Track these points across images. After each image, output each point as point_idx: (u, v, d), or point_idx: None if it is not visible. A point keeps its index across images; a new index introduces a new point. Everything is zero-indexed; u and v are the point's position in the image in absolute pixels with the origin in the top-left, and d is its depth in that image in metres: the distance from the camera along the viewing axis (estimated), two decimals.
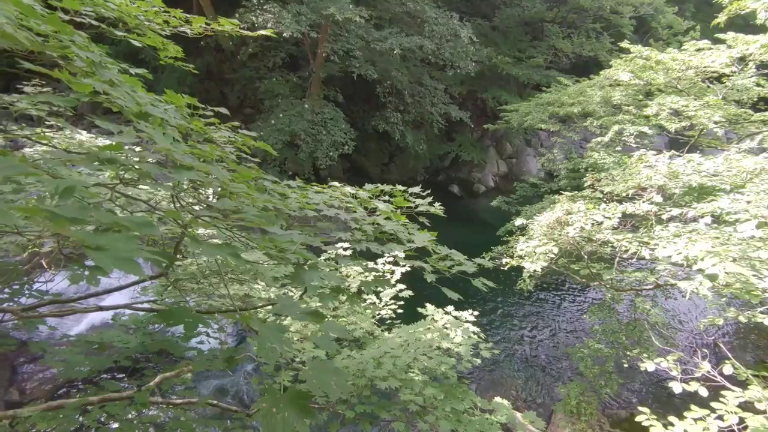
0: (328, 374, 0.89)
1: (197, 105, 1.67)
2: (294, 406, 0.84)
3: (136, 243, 0.63)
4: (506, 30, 18.69)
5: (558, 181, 10.15)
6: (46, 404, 2.32)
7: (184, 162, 0.97)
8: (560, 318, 10.58)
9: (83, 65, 1.13)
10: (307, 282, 1.11)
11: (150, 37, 2.00)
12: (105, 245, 0.60)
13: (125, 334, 3.42)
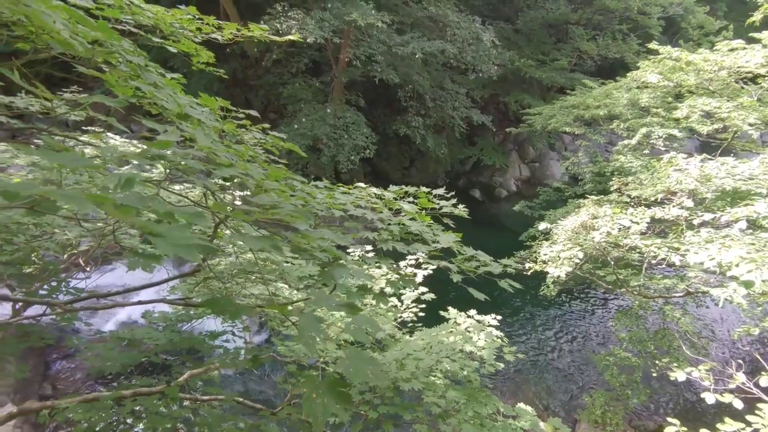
0: (365, 363, 0.91)
1: (229, 108, 1.73)
2: (332, 393, 0.87)
3: (190, 232, 0.67)
4: (529, 33, 18.48)
5: (583, 185, 9.95)
6: (82, 396, 2.41)
7: (223, 160, 1.02)
8: (584, 325, 10.34)
9: (127, 70, 1.19)
10: (336, 279, 1.14)
11: (184, 44, 2.08)
12: (164, 233, 0.63)
13: (155, 331, 3.52)
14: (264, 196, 1.05)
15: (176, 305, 2.72)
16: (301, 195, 1.24)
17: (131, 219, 0.64)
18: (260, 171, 1.13)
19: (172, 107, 1.07)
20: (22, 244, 2.63)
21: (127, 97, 1.13)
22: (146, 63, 1.22)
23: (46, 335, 2.99)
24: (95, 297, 1.91)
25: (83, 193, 0.63)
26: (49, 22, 0.86)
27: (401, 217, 1.86)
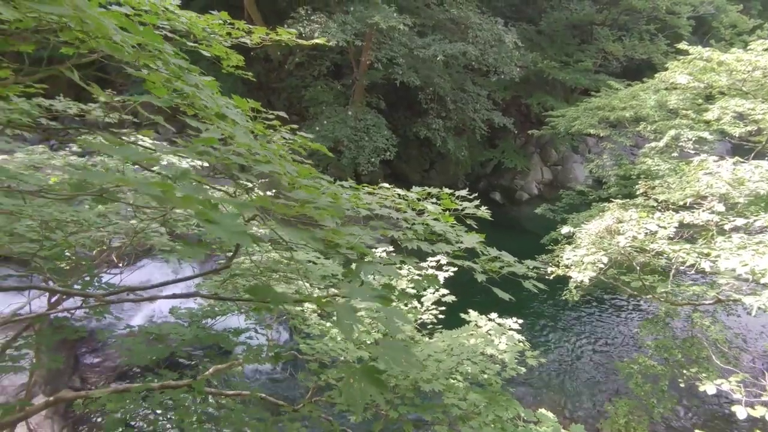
0: (399, 352, 0.94)
1: (259, 109, 1.78)
2: (369, 379, 0.89)
3: (240, 220, 0.71)
4: (553, 34, 18.23)
5: (607, 189, 9.75)
6: (113, 387, 2.51)
7: (261, 157, 1.06)
8: (607, 331, 10.11)
9: (166, 72, 1.25)
10: (365, 275, 1.16)
11: (215, 47, 2.15)
12: (218, 220, 0.68)
13: (181, 327, 3.62)
14: (300, 191, 1.08)
15: (208, 299, 2.79)
16: (330, 193, 1.27)
17: (193, 206, 0.68)
18: (294, 168, 1.17)
19: (213, 106, 1.12)
20: (60, 240, 2.75)
21: (172, 98, 1.18)
22: (187, 66, 1.27)
23: (79, 328, 3.12)
24: (130, 290, 1.99)
25: (151, 181, 0.68)
26: (110, 27, 0.92)
27: (425, 217, 1.88)
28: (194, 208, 0.67)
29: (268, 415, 2.86)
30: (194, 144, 1.02)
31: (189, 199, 0.68)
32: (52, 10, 0.79)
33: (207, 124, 1.17)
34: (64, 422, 6.50)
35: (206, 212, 0.66)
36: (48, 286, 2.28)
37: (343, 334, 0.85)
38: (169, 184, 0.68)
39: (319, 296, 0.94)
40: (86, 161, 4.32)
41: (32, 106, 3.06)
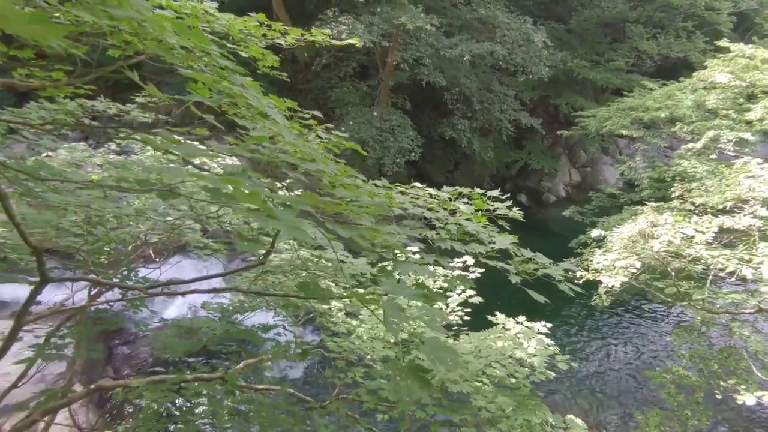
0: (444, 351, 0.94)
1: (296, 109, 1.81)
2: (414, 377, 0.90)
3: (296, 215, 0.73)
4: (583, 32, 17.79)
5: (639, 192, 9.43)
6: (150, 378, 2.60)
7: (306, 155, 1.08)
8: (638, 338, 9.79)
9: (211, 73, 1.29)
10: (402, 273, 1.17)
11: (252, 49, 2.20)
12: (279, 216, 0.70)
13: (212, 321, 3.72)
14: (342, 189, 1.10)
15: (239, 294, 2.85)
16: (369, 191, 1.29)
17: (258, 202, 0.70)
18: (335, 167, 1.19)
19: (257, 106, 1.15)
20: (102, 235, 2.87)
21: (220, 98, 1.22)
22: (233, 67, 1.31)
23: (119, 319, 3.25)
24: (171, 284, 2.07)
25: (221, 177, 0.70)
26: (168, 30, 0.96)
27: (457, 217, 1.87)
28: (258, 204, 0.69)
29: (298, 409, 2.91)
30: (246, 142, 1.05)
31: (254, 195, 0.70)
32: (124, 13, 0.82)
33: (253, 123, 1.20)
34: (99, 411, 6.77)
35: (270, 208, 0.68)
36: (97, 279, 2.38)
37: (389, 331, 0.85)
38: (238, 180, 0.71)
39: (363, 293, 0.95)
40: (124, 159, 4.49)
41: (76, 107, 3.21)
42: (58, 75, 1.77)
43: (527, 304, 1.86)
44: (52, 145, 3.30)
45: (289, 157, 1.08)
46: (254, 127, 1.15)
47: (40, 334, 3.38)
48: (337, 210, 1.02)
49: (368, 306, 1.00)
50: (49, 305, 2.95)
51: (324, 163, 1.12)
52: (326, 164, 1.12)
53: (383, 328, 3.94)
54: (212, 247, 3.47)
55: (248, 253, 2.82)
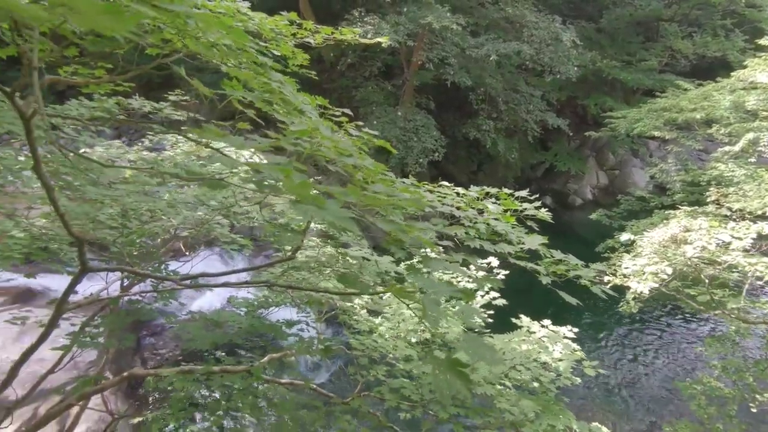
0: (482, 348, 0.94)
1: (327, 106, 1.83)
2: (453, 371, 0.90)
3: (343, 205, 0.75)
4: (614, 32, 17.32)
5: (671, 195, 9.13)
6: (179, 368, 2.68)
7: (344, 150, 1.10)
8: (667, 347, 9.47)
9: (246, 69, 1.32)
10: (433, 270, 1.17)
11: (283, 47, 2.23)
12: (327, 207, 0.71)
13: (238, 315, 3.80)
14: (379, 184, 1.11)
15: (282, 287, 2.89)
16: (403, 188, 1.29)
17: (305, 193, 0.72)
18: (371, 162, 1.20)
19: (295, 102, 1.17)
20: (135, 227, 2.97)
21: (261, 94, 1.25)
22: (271, 64, 1.34)
23: (150, 310, 3.35)
24: (204, 276, 2.13)
25: (274, 166, 0.72)
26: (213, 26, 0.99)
27: (486, 216, 1.85)
28: (306, 193, 0.71)
29: (320, 404, 2.94)
30: (287, 136, 1.07)
31: (304, 185, 0.72)
32: (177, 7, 0.85)
33: (291, 118, 1.22)
34: (126, 399, 7.00)
35: (317, 199, 0.69)
36: (134, 269, 2.47)
37: (429, 325, 0.86)
38: (289, 169, 0.72)
39: (402, 287, 0.95)
40: (156, 156, 4.63)
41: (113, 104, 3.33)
42: (100, 72, 1.84)
43: (552, 309, 1.83)
44: (91, 142, 3.43)
45: (329, 151, 1.09)
46: (292, 122, 1.17)
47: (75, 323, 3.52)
48: (378, 204, 1.02)
49: (404, 300, 1.01)
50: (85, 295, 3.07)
51: (360, 157, 1.13)
52: (362, 159, 1.13)
53: (405, 328, 3.94)
54: (239, 242, 3.54)
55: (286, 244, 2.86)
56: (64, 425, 5.59)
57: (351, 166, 1.11)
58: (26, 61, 1.23)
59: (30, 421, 4.98)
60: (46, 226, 2.83)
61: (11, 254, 2.37)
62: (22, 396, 3.16)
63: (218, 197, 3.12)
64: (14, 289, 8.96)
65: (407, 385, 2.83)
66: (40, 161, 1.39)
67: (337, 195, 0.79)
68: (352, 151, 1.10)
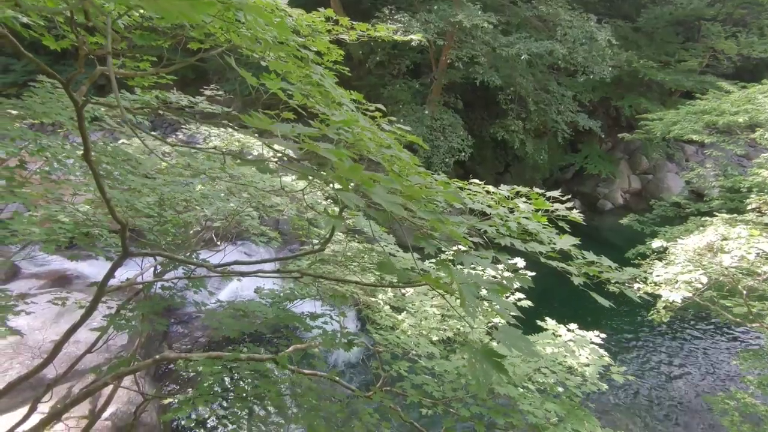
0: (518, 339, 0.94)
1: (360, 101, 1.86)
2: (489, 360, 0.91)
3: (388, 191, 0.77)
4: (652, 31, 16.74)
5: (709, 202, 8.78)
6: (208, 354, 2.77)
7: (383, 141, 1.12)
8: (699, 359, 9.12)
9: (283, 61, 1.35)
10: (466, 264, 1.17)
11: (319, 43, 2.27)
12: (376, 191, 0.74)
13: (264, 306, 3.88)
14: (416, 176, 1.13)
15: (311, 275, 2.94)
16: (441, 181, 1.30)
17: (356, 176, 0.74)
18: (408, 154, 1.22)
19: (335, 95, 1.20)
20: (170, 217, 3.08)
21: (304, 85, 1.29)
22: (313, 58, 1.37)
23: (181, 298, 3.47)
24: (239, 263, 2.19)
25: (330, 149, 0.75)
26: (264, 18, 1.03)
27: (517, 215, 1.83)
28: (358, 178, 0.73)
29: (343, 395, 2.98)
30: (331, 125, 1.09)
31: (356, 169, 0.74)
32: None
33: (331, 110, 1.25)
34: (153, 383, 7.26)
35: (369, 182, 0.72)
36: (173, 255, 2.57)
37: (467, 314, 0.87)
38: (343, 153, 0.75)
39: (437, 277, 0.96)
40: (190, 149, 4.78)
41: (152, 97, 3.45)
42: (145, 65, 1.92)
43: (578, 313, 1.80)
44: (130, 133, 3.57)
45: (370, 142, 1.11)
46: (333, 113, 1.19)
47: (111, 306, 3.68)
48: (417, 194, 1.04)
49: (440, 291, 1.02)
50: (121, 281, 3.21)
51: (398, 149, 1.14)
52: (400, 149, 1.15)
53: (427, 326, 3.94)
54: (269, 234, 3.62)
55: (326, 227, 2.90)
56: (96, 405, 5.85)
57: (389, 156, 1.12)
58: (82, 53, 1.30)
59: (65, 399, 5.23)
60: (89, 213, 2.96)
61: (57, 238, 2.50)
62: (62, 373, 3.33)
63: (250, 189, 3.20)
64: (52, 273, 9.42)
65: (429, 382, 2.83)
66: (90, 148, 1.46)
67: (383, 181, 0.81)
68: (391, 143, 1.11)
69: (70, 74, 1.38)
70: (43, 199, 2.86)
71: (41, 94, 3.08)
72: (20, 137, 2.79)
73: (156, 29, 1.67)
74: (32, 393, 5.09)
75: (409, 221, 1.29)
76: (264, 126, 0.90)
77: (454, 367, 3.03)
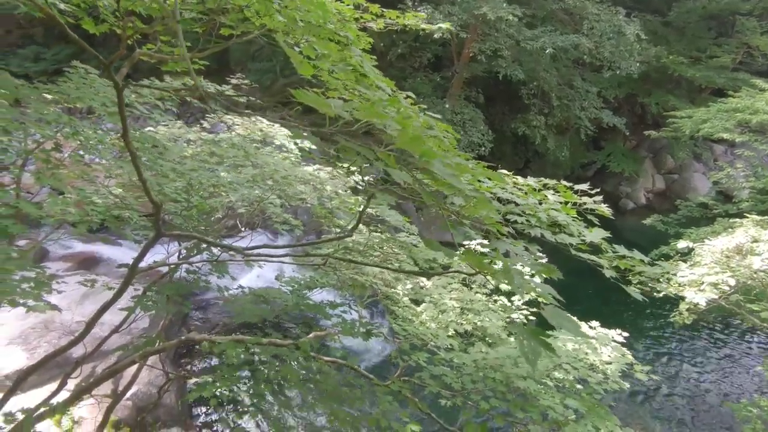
0: (566, 320, 0.95)
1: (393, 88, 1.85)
2: (536, 339, 0.92)
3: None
4: (683, 26, 16.19)
5: (738, 203, 8.52)
6: (231, 337, 2.83)
7: (426, 122, 1.13)
8: (721, 364, 8.90)
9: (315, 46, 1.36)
10: (501, 249, 1.17)
11: (350, 29, 2.27)
12: (434, 164, 0.75)
13: (285, 293, 3.93)
14: (458, 158, 1.13)
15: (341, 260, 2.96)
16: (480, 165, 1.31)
17: (418, 147, 0.75)
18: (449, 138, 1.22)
19: (374, 78, 1.20)
20: (197, 202, 3.14)
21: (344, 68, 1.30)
22: (354, 39, 1.38)
23: (206, 282, 3.55)
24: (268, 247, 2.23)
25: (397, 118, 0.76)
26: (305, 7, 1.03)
27: (546, 206, 1.81)
28: (419, 148, 0.73)
29: (362, 382, 3.01)
30: (377, 103, 1.10)
31: (417, 138, 0.75)
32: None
33: (372, 91, 1.26)
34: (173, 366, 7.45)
35: (429, 151, 0.72)
36: (203, 237, 2.63)
37: (517, 292, 0.87)
38: (408, 121, 0.75)
39: (481, 257, 0.96)
40: (215, 136, 4.85)
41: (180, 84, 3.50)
42: (179, 51, 1.95)
43: (600, 312, 1.77)
44: (160, 119, 3.64)
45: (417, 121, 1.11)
46: (375, 94, 1.20)
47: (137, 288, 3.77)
48: (464, 172, 1.04)
49: (482, 271, 1.02)
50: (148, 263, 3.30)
51: (439, 129, 1.14)
52: (441, 131, 1.15)
53: (445, 319, 3.94)
54: (292, 223, 3.66)
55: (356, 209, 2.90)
56: (117, 385, 6.04)
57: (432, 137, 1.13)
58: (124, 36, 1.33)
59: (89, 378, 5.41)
60: (121, 195, 3.04)
61: (90, 219, 2.57)
62: (91, 351, 3.45)
63: (275, 176, 3.24)
64: (79, 255, 9.72)
65: (448, 373, 2.84)
66: (128, 130, 1.50)
67: (439, 156, 0.81)
68: (433, 124, 1.11)
69: (112, 56, 1.42)
70: (77, 182, 2.94)
71: (75, 80, 3.16)
72: (56, 121, 2.88)
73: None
74: (58, 370, 5.27)
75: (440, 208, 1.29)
76: (314, 102, 0.91)
77: (472, 360, 3.03)
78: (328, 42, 1.30)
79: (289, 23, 1.22)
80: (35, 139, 2.91)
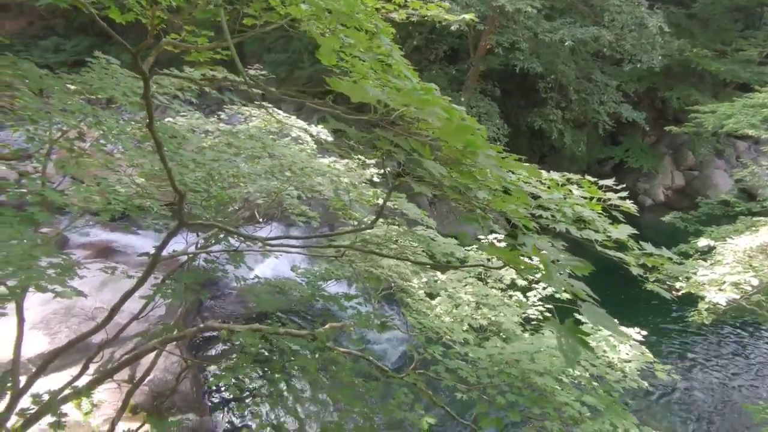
0: (603, 318, 0.93)
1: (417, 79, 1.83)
2: (573, 335, 0.91)
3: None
4: (708, 18, 15.72)
5: (762, 201, 8.30)
6: (249, 326, 2.87)
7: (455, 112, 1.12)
8: (740, 365, 8.73)
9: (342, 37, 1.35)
10: (527, 244, 1.15)
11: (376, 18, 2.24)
12: (480, 154, 0.74)
13: (300, 285, 3.96)
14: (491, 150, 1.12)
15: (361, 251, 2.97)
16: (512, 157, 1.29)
17: (461, 137, 0.74)
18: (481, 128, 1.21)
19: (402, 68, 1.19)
20: (216, 192, 3.17)
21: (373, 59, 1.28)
22: (382, 30, 1.36)
23: (224, 271, 3.59)
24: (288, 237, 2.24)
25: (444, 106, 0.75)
26: None
27: (571, 201, 1.78)
28: (464, 139, 0.72)
29: (378, 374, 3.03)
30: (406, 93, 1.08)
31: (463, 128, 0.74)
32: None
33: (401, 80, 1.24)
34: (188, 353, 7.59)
35: (476, 143, 0.71)
36: (225, 227, 2.65)
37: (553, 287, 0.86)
38: (454, 110, 0.75)
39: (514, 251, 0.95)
40: (232, 127, 4.88)
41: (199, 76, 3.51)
42: (203, 40, 1.96)
43: (618, 311, 1.74)
44: (180, 110, 3.67)
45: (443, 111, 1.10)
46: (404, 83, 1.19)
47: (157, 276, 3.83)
48: (503, 163, 1.02)
49: (514, 265, 1.01)
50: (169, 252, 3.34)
51: (471, 120, 1.13)
52: (473, 122, 1.13)
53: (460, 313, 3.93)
54: (308, 214, 3.67)
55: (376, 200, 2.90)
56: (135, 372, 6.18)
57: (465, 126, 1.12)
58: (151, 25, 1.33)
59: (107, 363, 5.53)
60: (143, 185, 3.09)
61: (113, 208, 2.62)
62: (112, 337, 3.52)
63: (293, 168, 3.25)
64: (98, 244, 9.93)
65: (463, 367, 2.84)
66: (154, 118, 1.51)
67: (482, 147, 0.80)
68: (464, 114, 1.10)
69: (139, 45, 1.43)
70: (100, 171, 2.99)
71: (97, 70, 3.20)
72: (79, 111, 2.92)
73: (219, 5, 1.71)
74: (78, 355, 5.39)
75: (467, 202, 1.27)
76: (348, 90, 0.89)
77: (488, 354, 3.01)
78: (355, 31, 1.28)
79: (317, 12, 1.21)
80: (59, 128, 2.96)
